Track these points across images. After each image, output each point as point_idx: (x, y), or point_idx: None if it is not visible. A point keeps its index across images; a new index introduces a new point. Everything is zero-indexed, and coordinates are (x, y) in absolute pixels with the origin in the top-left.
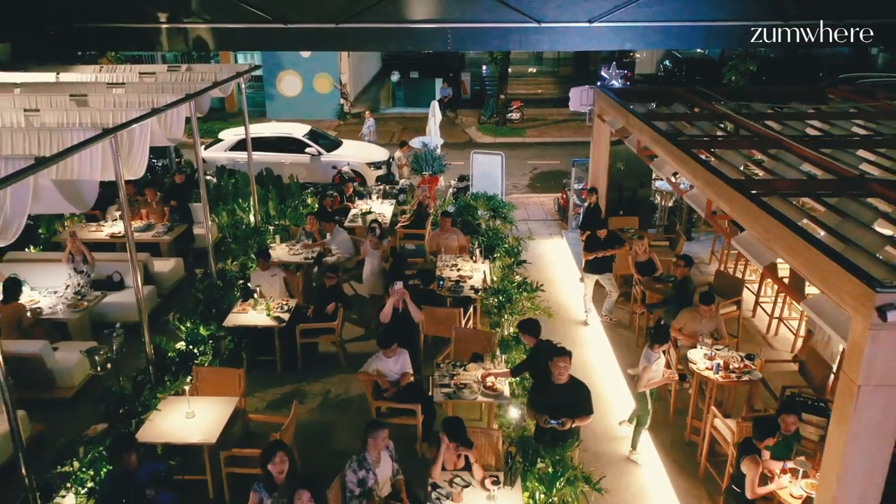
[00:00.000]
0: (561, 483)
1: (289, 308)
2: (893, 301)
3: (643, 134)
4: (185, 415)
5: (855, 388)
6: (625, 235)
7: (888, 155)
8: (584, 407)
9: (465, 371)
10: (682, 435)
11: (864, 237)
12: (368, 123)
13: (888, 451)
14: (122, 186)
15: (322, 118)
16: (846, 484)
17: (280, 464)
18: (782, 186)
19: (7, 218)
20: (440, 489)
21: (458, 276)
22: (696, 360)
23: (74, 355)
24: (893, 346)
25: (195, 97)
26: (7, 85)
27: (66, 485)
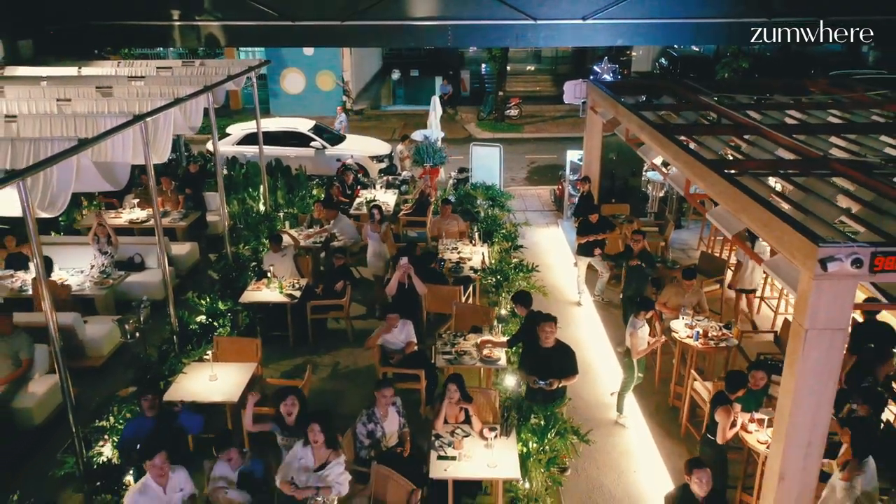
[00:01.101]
0: (552, 434)
1: (300, 287)
2: (833, 254)
3: (631, 122)
4: (208, 378)
5: (803, 332)
6: (616, 222)
7: (857, 141)
8: (569, 368)
9: (465, 341)
10: (667, 401)
11: (824, 210)
12: (340, 118)
13: (833, 386)
14: (151, 169)
15: (325, 115)
16: (797, 417)
17: (291, 406)
18: (752, 166)
19: (54, 193)
20: (442, 438)
21: (459, 258)
22: (678, 330)
23: (103, 328)
24: (834, 294)
25: (212, 88)
26: (34, 78)
27: (104, 436)
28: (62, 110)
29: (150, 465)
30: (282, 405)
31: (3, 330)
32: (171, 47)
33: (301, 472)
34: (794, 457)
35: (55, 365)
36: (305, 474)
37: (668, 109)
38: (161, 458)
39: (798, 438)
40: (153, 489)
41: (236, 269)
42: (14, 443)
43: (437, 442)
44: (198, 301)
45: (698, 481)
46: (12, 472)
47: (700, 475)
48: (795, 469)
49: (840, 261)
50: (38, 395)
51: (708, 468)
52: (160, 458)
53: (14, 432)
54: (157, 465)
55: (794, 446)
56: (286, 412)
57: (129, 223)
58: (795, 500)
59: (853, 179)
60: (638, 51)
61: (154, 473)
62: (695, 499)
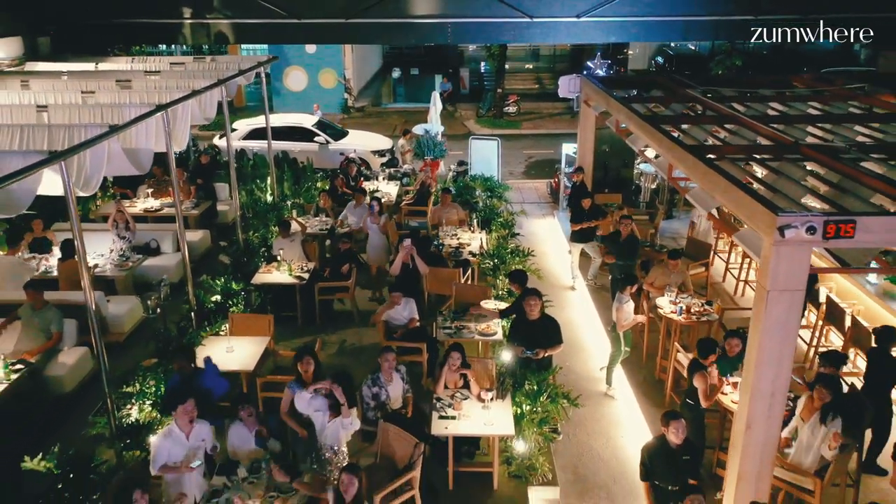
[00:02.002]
0: (544, 398)
1: (308, 269)
2: (790, 222)
3: (620, 114)
4: (225, 349)
5: (765, 293)
6: (608, 210)
7: (832, 130)
8: (554, 338)
9: (465, 318)
10: (653, 374)
11: (791, 189)
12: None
13: (793, 342)
14: (171, 156)
15: (327, 112)
16: (761, 370)
17: (307, 364)
18: (729, 151)
19: (88, 174)
20: (443, 401)
21: (458, 244)
22: (663, 306)
23: (124, 306)
24: (791, 258)
25: (226, 82)
26: (55, 73)
27: (132, 400)
28: (86, 101)
29: (180, 411)
30: (299, 364)
31: (35, 305)
32: (183, 44)
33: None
34: (759, 407)
35: (91, 333)
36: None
37: (657, 102)
38: (191, 403)
39: (762, 389)
40: (177, 434)
41: (247, 254)
42: (47, 407)
43: (438, 404)
44: (212, 282)
45: (674, 431)
46: (47, 434)
47: (675, 425)
48: (760, 418)
49: (796, 228)
50: (69, 364)
51: (682, 419)
52: (190, 403)
53: (47, 398)
54: (187, 411)
55: (759, 397)
56: (303, 370)
57: (144, 212)
58: (761, 447)
59: (821, 163)
60: (634, 49)
61: (182, 420)
62: (670, 447)
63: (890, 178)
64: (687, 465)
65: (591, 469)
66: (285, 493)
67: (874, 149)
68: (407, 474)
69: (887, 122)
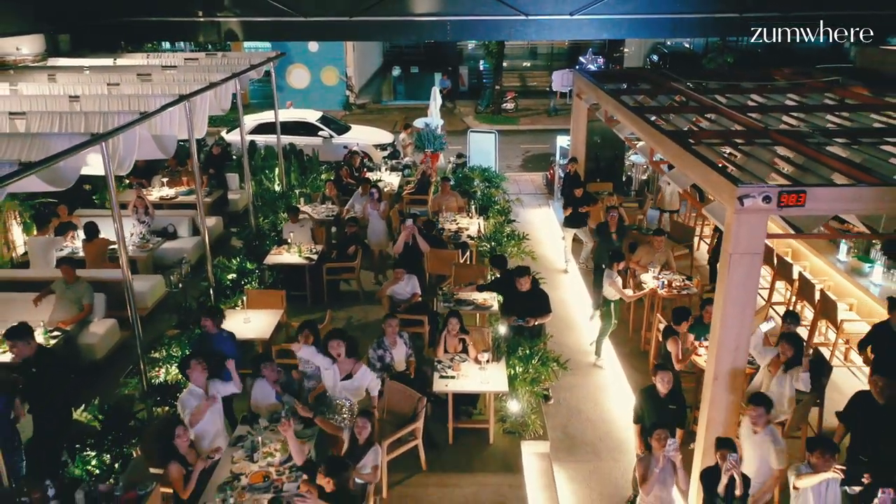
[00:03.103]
0: (535, 361)
1: (316, 251)
2: (748, 193)
3: (608, 104)
4: (242, 320)
5: (728, 257)
6: (599, 197)
7: (805, 119)
8: (543, 308)
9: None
10: (639, 346)
11: (759, 169)
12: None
13: (753, 300)
14: (193, 142)
15: (329, 108)
16: (726, 325)
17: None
18: (705, 136)
19: (121, 157)
20: (444, 363)
21: (457, 228)
22: (647, 281)
23: (147, 283)
24: (750, 225)
25: (239, 75)
26: (77, 67)
27: (159, 364)
28: (111, 92)
29: (190, 369)
30: (299, 336)
31: (68, 279)
32: (195, 41)
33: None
34: (725, 359)
35: (127, 302)
36: (337, 386)
37: (644, 94)
38: (196, 360)
39: (727, 343)
40: (196, 391)
41: (258, 238)
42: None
43: (438, 366)
44: (228, 262)
45: (660, 381)
46: (83, 394)
47: (662, 376)
48: (726, 369)
49: (754, 198)
50: (99, 334)
51: (669, 371)
52: (195, 361)
53: (81, 363)
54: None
55: (725, 350)
56: (304, 342)
57: (160, 199)
58: (727, 396)
59: (788, 146)
60: (630, 47)
61: (195, 377)
62: (658, 394)
63: (848, 159)
64: (673, 414)
65: (580, 429)
66: (303, 438)
67: (837, 133)
68: (411, 425)
69: (855, 111)
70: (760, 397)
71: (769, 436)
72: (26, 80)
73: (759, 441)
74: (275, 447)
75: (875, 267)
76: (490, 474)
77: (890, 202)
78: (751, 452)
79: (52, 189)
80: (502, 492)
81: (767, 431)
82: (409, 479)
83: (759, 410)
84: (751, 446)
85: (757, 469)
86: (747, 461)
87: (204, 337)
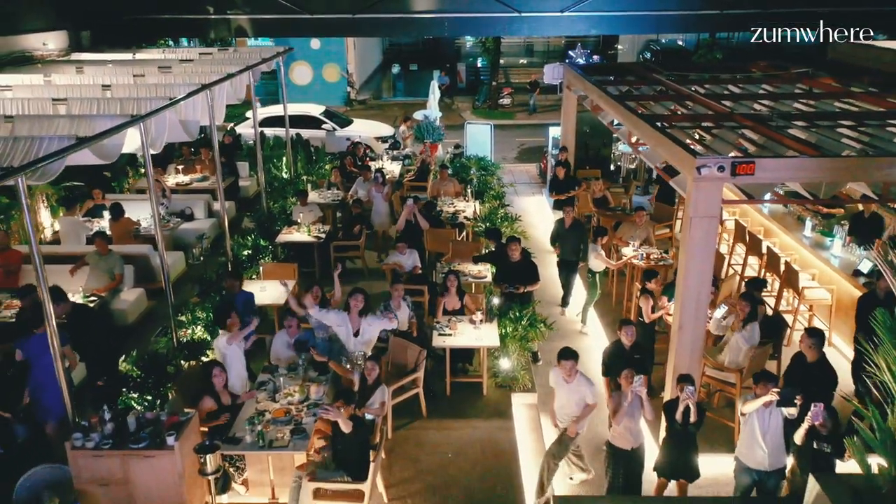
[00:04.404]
0: (525, 322)
1: (324, 231)
2: (705, 163)
3: (594, 93)
4: (259, 289)
5: (689, 220)
6: (583, 181)
7: (773, 106)
8: (532, 276)
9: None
10: (621, 315)
11: (723, 148)
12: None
13: (711, 258)
14: (214, 127)
15: (330, 105)
16: (688, 280)
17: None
18: (677, 120)
19: (153, 138)
20: (442, 323)
21: (454, 211)
22: (627, 253)
23: (169, 259)
24: (707, 191)
25: (253, 68)
26: (100, 61)
27: (185, 325)
28: (137, 82)
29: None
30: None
31: (101, 251)
32: (206, 37)
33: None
34: (688, 310)
35: (162, 271)
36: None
37: (628, 85)
38: (233, 316)
39: (690, 296)
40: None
41: (269, 220)
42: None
43: (437, 326)
44: (243, 240)
45: (625, 334)
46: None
47: (626, 330)
48: (689, 320)
49: (710, 167)
50: (129, 301)
51: (633, 325)
52: (234, 316)
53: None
54: (232, 322)
55: (688, 302)
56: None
57: (176, 185)
58: (690, 343)
59: (751, 129)
60: (624, 45)
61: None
62: (624, 348)
63: (805, 139)
64: (636, 363)
65: None
66: (318, 381)
67: (795, 117)
68: (413, 374)
69: (819, 98)
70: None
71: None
72: (57, 73)
73: (574, 387)
74: (293, 389)
75: (835, 241)
76: (483, 420)
77: (827, 171)
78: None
79: (100, 162)
80: (494, 434)
81: (580, 379)
82: (411, 424)
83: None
84: (566, 393)
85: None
86: (566, 404)
87: (227, 296)
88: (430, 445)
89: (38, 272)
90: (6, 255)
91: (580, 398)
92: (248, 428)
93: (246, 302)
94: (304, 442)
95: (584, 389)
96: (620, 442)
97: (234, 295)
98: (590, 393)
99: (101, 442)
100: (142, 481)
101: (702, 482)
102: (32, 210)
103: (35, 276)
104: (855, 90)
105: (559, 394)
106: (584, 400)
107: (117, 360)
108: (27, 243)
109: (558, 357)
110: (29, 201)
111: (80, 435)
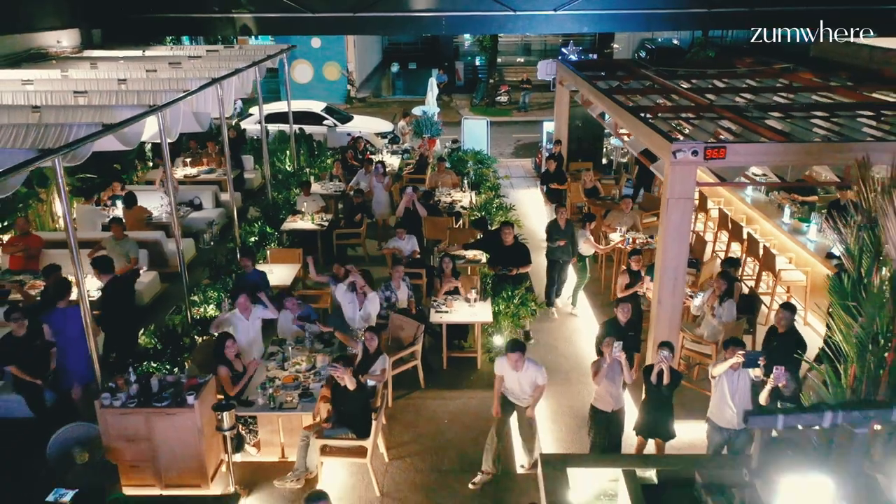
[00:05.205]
0: (517, 300)
1: (327, 219)
2: (680, 148)
3: (584, 88)
4: (267, 272)
5: (667, 201)
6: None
7: (753, 99)
8: (524, 259)
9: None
10: (609, 298)
11: (702, 137)
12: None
13: (687, 236)
14: (224, 118)
15: (331, 102)
16: (667, 258)
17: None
18: (660, 110)
19: (168, 127)
20: (439, 301)
21: (452, 200)
22: (614, 239)
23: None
24: (682, 175)
25: (259, 63)
26: (112, 57)
27: (198, 304)
28: (150, 76)
29: (238, 303)
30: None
31: (117, 236)
32: (212, 36)
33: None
34: (666, 285)
35: (177, 253)
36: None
37: (618, 80)
38: (244, 297)
39: (668, 272)
40: (239, 316)
41: (274, 209)
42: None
43: (435, 304)
44: (250, 228)
45: (621, 311)
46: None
47: (623, 307)
48: (667, 294)
49: (684, 152)
50: (145, 283)
51: (629, 304)
52: (243, 297)
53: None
54: (241, 304)
55: (666, 278)
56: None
57: (184, 177)
58: (669, 317)
59: (729, 119)
60: (619, 43)
61: (241, 309)
62: (619, 324)
63: (779, 129)
64: (631, 339)
65: (555, 361)
66: (323, 351)
67: (771, 108)
68: (411, 347)
69: (797, 91)
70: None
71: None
72: (72, 68)
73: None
74: (301, 359)
75: (811, 226)
76: (478, 391)
77: (792, 155)
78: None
79: (123, 148)
80: (486, 403)
81: (528, 365)
82: (410, 394)
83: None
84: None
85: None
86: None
87: (241, 275)
88: (428, 413)
89: (73, 252)
90: (27, 240)
91: (531, 381)
92: (259, 392)
93: (261, 278)
94: (312, 405)
95: (534, 373)
96: (602, 404)
97: (247, 274)
98: (540, 375)
99: (128, 401)
100: (164, 437)
101: (679, 444)
102: (48, 201)
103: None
104: (833, 84)
105: (509, 379)
106: (536, 382)
107: (137, 333)
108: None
109: (506, 349)
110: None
111: (108, 395)
